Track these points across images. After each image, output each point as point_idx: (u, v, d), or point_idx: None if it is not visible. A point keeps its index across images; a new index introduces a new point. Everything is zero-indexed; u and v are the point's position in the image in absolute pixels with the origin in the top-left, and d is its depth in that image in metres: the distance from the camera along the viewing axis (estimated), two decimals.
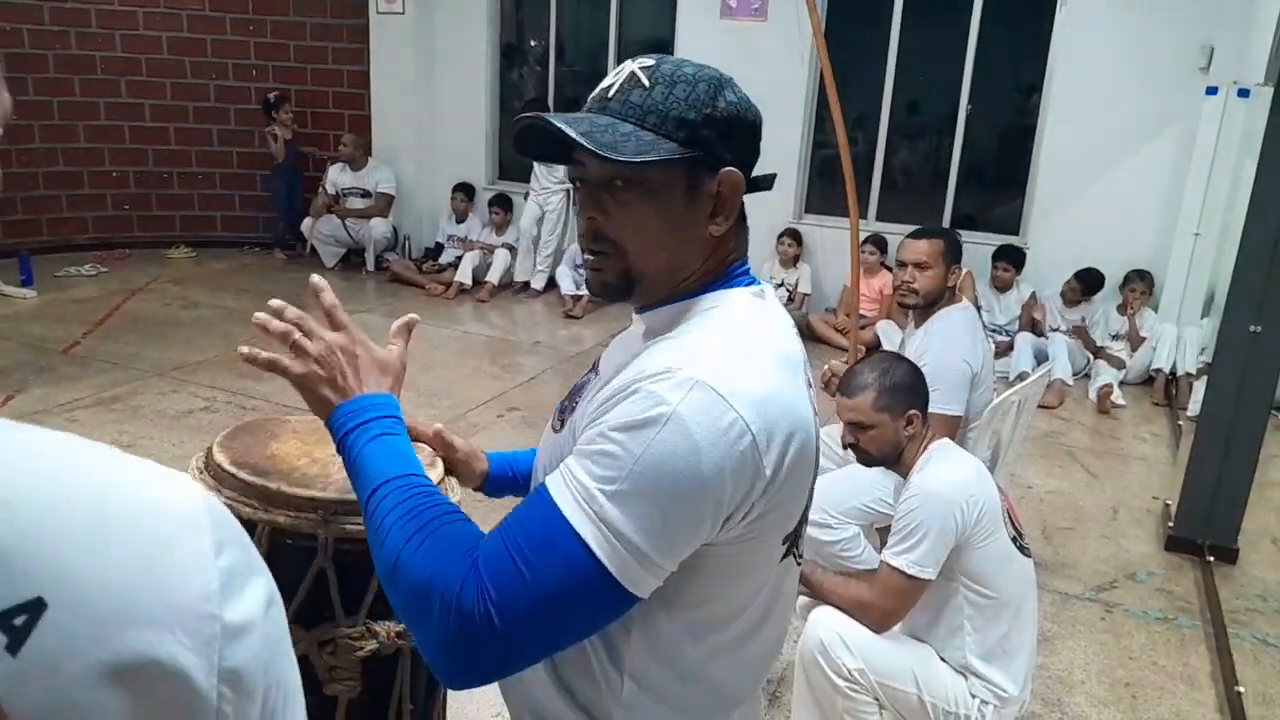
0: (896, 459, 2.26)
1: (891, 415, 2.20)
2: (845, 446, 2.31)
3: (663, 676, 1.02)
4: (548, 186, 7.41)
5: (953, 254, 2.93)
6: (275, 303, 1.16)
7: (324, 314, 1.16)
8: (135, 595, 0.48)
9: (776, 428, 0.94)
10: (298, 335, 1.12)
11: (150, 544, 0.50)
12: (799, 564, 1.13)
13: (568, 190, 7.42)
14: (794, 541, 1.07)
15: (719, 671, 1.05)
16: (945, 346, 2.83)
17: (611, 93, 1.01)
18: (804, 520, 1.09)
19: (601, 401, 0.96)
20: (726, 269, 1.07)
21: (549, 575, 0.90)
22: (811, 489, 1.08)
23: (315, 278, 1.19)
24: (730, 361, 0.95)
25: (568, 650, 1.00)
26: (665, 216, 1.02)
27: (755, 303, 1.05)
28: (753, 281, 1.09)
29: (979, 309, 5.77)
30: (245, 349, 1.14)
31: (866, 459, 2.29)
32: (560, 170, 7.37)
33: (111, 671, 0.46)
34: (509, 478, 1.39)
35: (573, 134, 0.95)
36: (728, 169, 1.01)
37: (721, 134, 1.00)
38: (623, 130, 0.98)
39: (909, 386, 2.24)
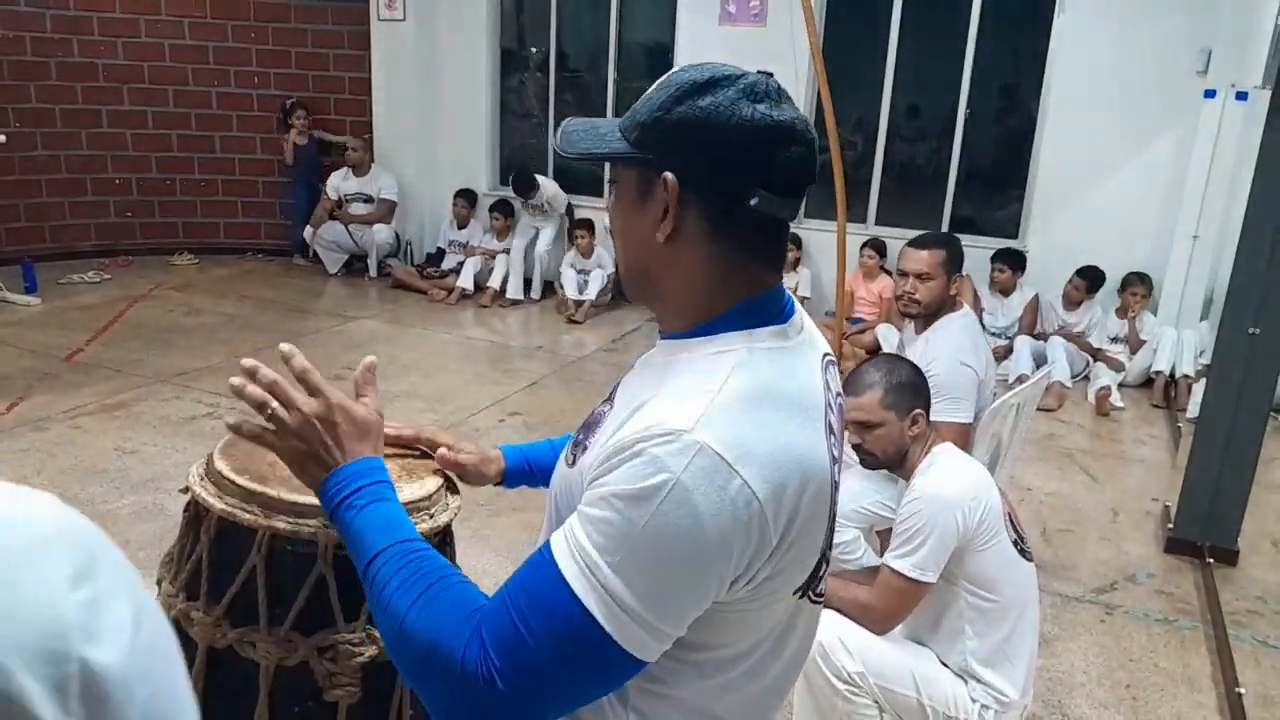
0: (901, 461, 2.27)
1: (897, 414, 2.21)
2: (852, 447, 2.31)
3: (669, 712, 1.02)
4: (537, 219, 7.49)
5: (954, 263, 2.93)
6: (248, 363, 1.12)
7: (297, 380, 1.14)
8: None
9: (786, 490, 0.92)
10: (275, 405, 1.10)
11: None
12: (817, 601, 1.09)
13: (561, 215, 7.43)
14: (810, 587, 1.05)
15: (726, 707, 1.04)
16: (951, 354, 2.83)
17: None
18: (820, 567, 1.05)
19: (607, 455, 0.93)
20: (741, 302, 1.01)
21: (552, 640, 0.90)
22: (829, 535, 1.05)
23: (284, 346, 1.15)
24: (738, 420, 0.91)
25: None
26: (624, 216, 1.04)
27: (775, 344, 1.00)
28: (779, 316, 1.03)
29: (980, 312, 5.79)
30: (231, 420, 1.13)
31: (872, 461, 2.29)
32: (547, 211, 7.37)
33: None
34: (524, 471, 1.42)
35: (558, 133, 1.06)
36: (665, 174, 0.97)
37: (666, 138, 0.97)
38: (602, 130, 1.04)
39: (914, 386, 2.25)
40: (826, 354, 1.08)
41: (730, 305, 1.01)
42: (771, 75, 1.01)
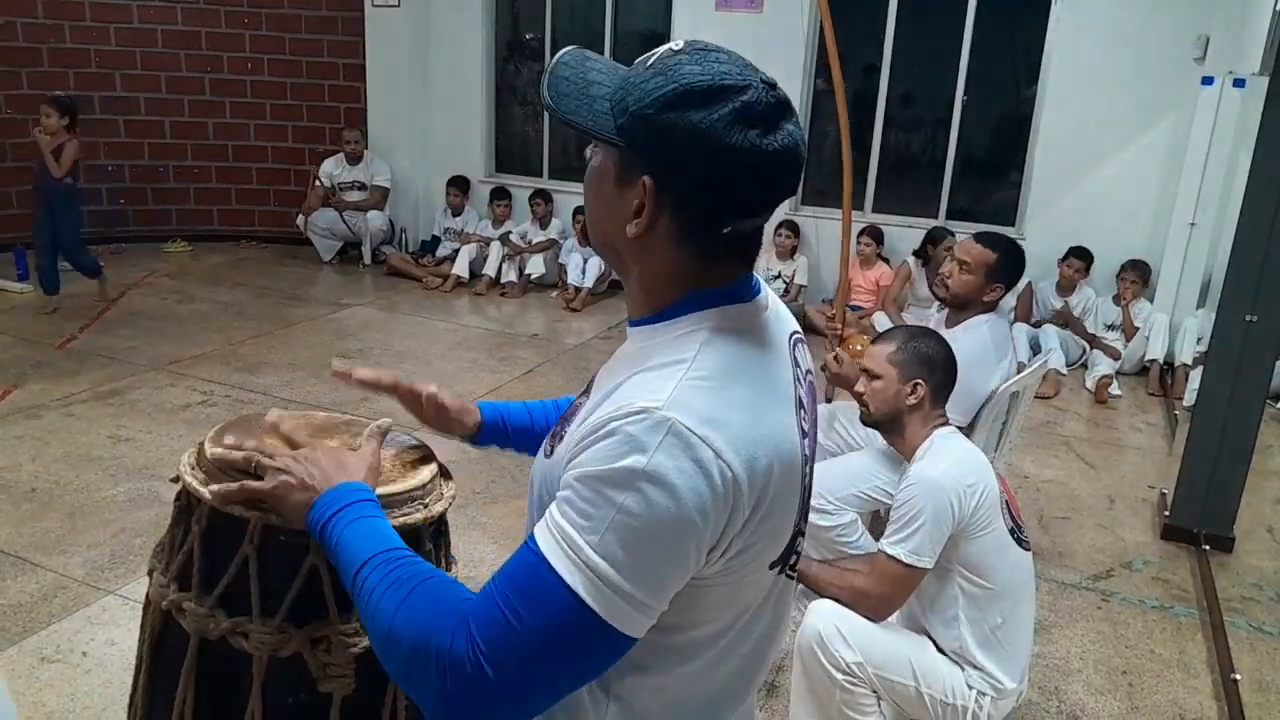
0: (898, 429, 2.31)
1: (900, 374, 2.29)
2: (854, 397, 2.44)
3: (650, 698, 1.03)
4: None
5: (1002, 271, 2.95)
6: (229, 440, 1.27)
7: (283, 443, 1.25)
8: None
9: (757, 462, 0.93)
10: (259, 458, 1.17)
11: None
12: (792, 577, 1.11)
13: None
14: (785, 562, 1.06)
15: (704, 688, 1.05)
16: (970, 360, 2.79)
17: (634, 62, 1.01)
18: (796, 540, 1.06)
19: (581, 437, 0.94)
20: (710, 290, 1.01)
21: (540, 625, 0.90)
22: (802, 509, 1.06)
23: (273, 411, 1.29)
24: (709, 396, 0.92)
25: None
26: (599, 191, 1.02)
27: (741, 322, 1.01)
28: (745, 296, 1.03)
29: None
30: (216, 487, 1.21)
31: (865, 416, 2.40)
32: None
33: None
34: (500, 429, 1.44)
35: (546, 73, 1.03)
36: (644, 176, 0.95)
37: (651, 141, 0.94)
38: (593, 91, 0.99)
39: (929, 359, 2.32)
40: (795, 332, 1.10)
41: (695, 290, 1.01)
42: (775, 86, 0.95)
